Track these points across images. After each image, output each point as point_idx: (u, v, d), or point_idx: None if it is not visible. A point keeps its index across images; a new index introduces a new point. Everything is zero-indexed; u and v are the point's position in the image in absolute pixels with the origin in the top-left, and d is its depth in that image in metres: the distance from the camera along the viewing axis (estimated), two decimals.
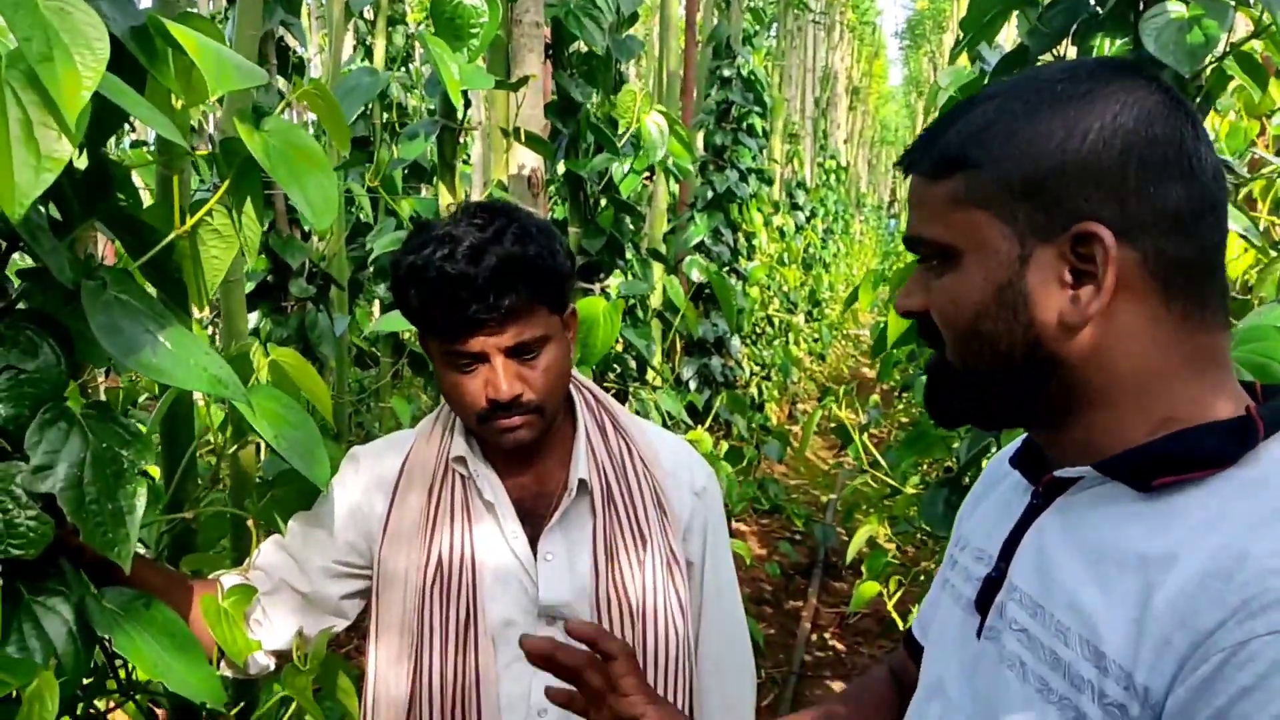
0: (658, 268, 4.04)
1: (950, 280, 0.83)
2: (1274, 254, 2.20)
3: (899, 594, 3.24)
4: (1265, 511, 0.70)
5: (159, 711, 1.55)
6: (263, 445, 1.67)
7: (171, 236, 1.20)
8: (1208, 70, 1.79)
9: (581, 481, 1.36)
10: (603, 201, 2.96)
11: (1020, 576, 0.83)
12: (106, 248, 2.95)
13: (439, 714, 1.29)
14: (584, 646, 1.03)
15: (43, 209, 1.09)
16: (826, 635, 5.07)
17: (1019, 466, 0.91)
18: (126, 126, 3.32)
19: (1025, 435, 0.93)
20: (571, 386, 1.43)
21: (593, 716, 1.06)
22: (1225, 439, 0.75)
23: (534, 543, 1.35)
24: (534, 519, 1.36)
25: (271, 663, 1.36)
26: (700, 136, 5.86)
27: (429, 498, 1.35)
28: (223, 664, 1.32)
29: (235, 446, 1.61)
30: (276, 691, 1.32)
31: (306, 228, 2.79)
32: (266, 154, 1.14)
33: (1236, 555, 0.67)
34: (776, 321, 8.78)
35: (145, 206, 1.35)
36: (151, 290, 1.23)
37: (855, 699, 1.20)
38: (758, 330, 7.96)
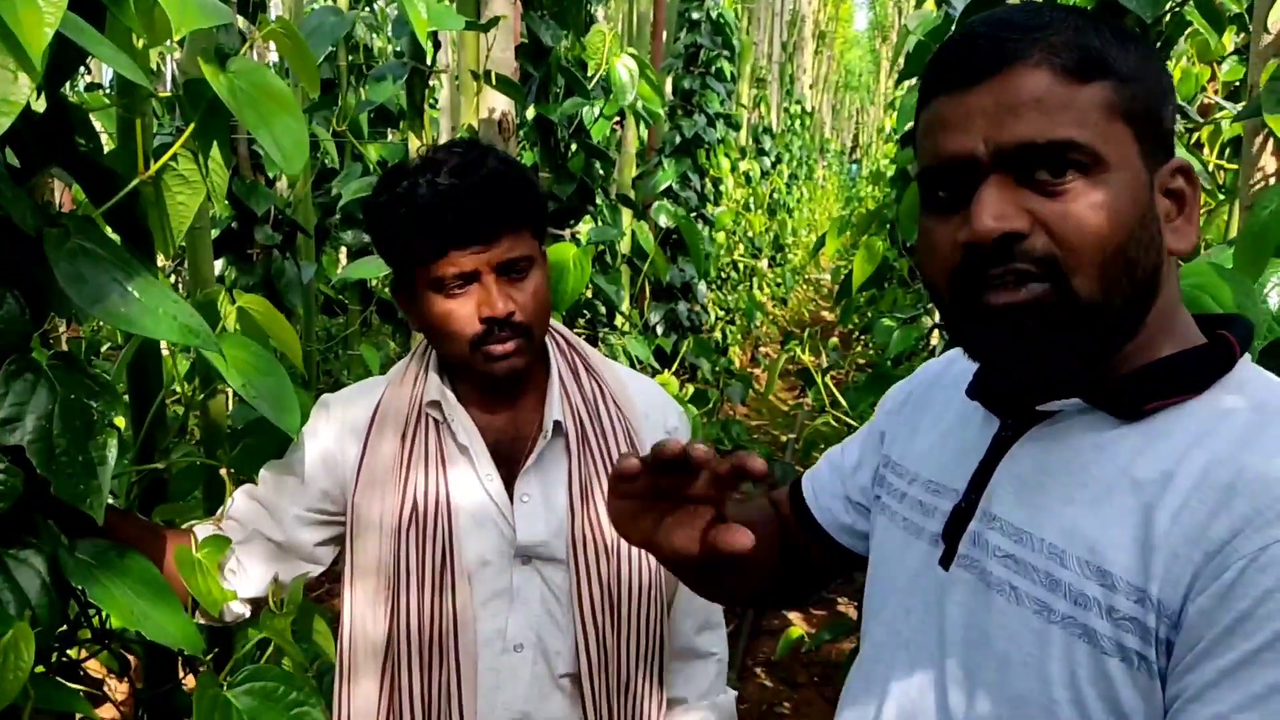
0: (627, 213, 4.02)
1: (1095, 197, 0.74)
2: (1221, 198, 2.23)
3: None
4: (1246, 427, 0.73)
5: (132, 659, 1.55)
6: (232, 394, 1.65)
7: (135, 182, 1.17)
8: (1167, 15, 1.80)
9: (557, 423, 1.37)
10: (573, 146, 2.93)
11: (1000, 506, 0.84)
12: (64, 195, 2.88)
13: (416, 653, 1.30)
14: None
15: (0, 155, 1.06)
16: None
17: (979, 398, 0.90)
18: (81, 70, 3.24)
19: (976, 370, 0.91)
20: None
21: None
22: (1206, 362, 0.78)
23: (509, 485, 1.35)
24: (509, 462, 1.37)
25: (247, 610, 1.36)
26: (669, 81, 5.80)
27: (403, 442, 1.35)
28: (197, 613, 1.32)
29: (204, 396, 1.59)
30: (253, 636, 1.33)
31: (272, 174, 2.74)
32: (233, 96, 1.11)
33: (1233, 469, 0.70)
34: (741, 267, 8.80)
35: (106, 152, 1.32)
36: (115, 238, 1.21)
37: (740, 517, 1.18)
38: (723, 275, 7.97)
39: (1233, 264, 1.27)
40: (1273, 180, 1.42)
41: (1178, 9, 1.79)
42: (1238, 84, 2.80)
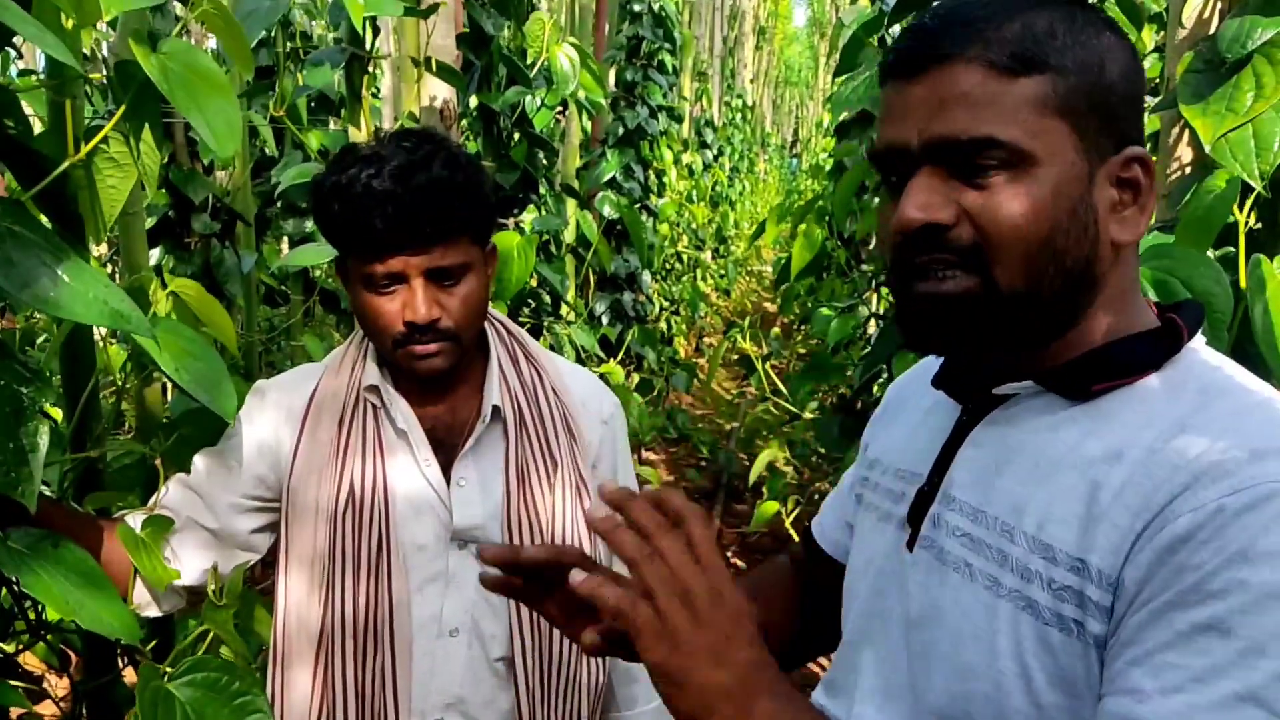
0: (571, 203, 4.01)
1: (1018, 190, 0.76)
2: None
3: (796, 512, 3.36)
4: (1191, 406, 0.76)
5: (70, 652, 1.52)
6: (171, 384, 1.63)
7: (65, 165, 1.15)
8: None
9: (495, 408, 1.37)
10: (516, 136, 2.92)
11: (958, 488, 0.86)
12: None
13: (351, 640, 1.30)
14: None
15: None
16: (729, 554, 5.26)
17: (942, 387, 0.93)
18: (12, 53, 3.16)
19: (942, 360, 0.96)
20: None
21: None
22: (1156, 345, 0.81)
23: (446, 470, 1.35)
24: (446, 448, 1.37)
25: (184, 599, 1.35)
26: (611, 72, 5.80)
27: (340, 428, 1.34)
28: (137, 601, 1.30)
29: (140, 384, 1.56)
30: (194, 627, 1.31)
31: (208, 160, 2.70)
32: (164, 77, 1.10)
33: (1177, 447, 0.73)
34: (685, 258, 8.83)
35: (36, 134, 1.29)
36: (46, 223, 1.19)
37: (752, 587, 1.22)
38: (667, 266, 8.00)
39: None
40: (1189, 170, 1.46)
41: (1099, 4, 1.83)
42: (1157, 80, 2.88)
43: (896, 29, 2.47)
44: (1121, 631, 0.71)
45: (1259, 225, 1.33)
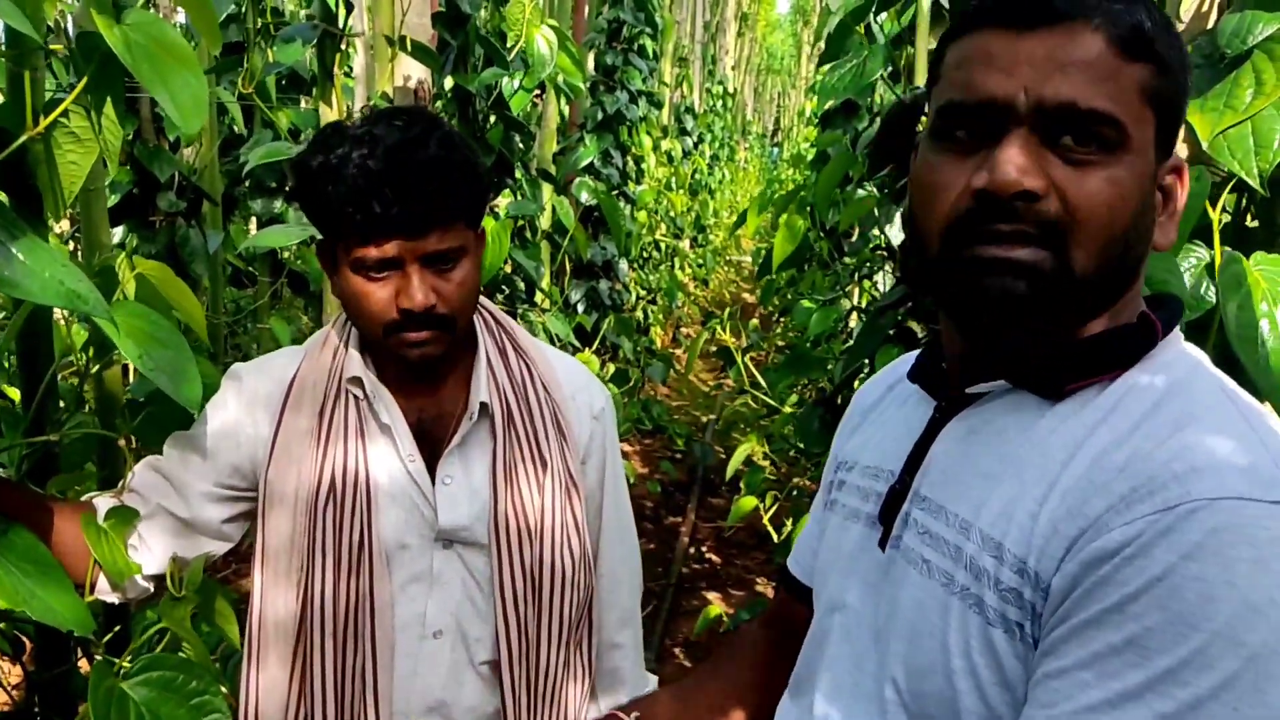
0: (547, 189, 3.97)
1: (1113, 173, 0.74)
2: None
3: (774, 508, 3.35)
4: (1143, 411, 0.74)
5: (25, 639, 1.48)
6: (131, 366, 1.59)
7: (23, 139, 1.11)
8: None
9: (483, 404, 1.33)
10: (492, 118, 2.88)
11: (927, 485, 0.85)
12: None
13: (330, 636, 1.26)
14: None
15: None
16: (703, 549, 5.26)
17: (917, 381, 0.92)
18: None
19: (919, 354, 0.94)
20: None
21: None
22: (1126, 342, 0.79)
23: (431, 466, 1.31)
24: (431, 442, 1.32)
25: (151, 587, 1.31)
26: (591, 56, 5.75)
27: (320, 417, 1.30)
28: (99, 587, 1.26)
29: (100, 367, 1.52)
30: (150, 618, 1.28)
31: (174, 137, 2.64)
32: (128, 49, 1.06)
33: (1126, 450, 0.71)
34: (663, 246, 8.81)
35: None
36: (2, 198, 1.14)
37: (712, 668, 1.22)
38: (645, 254, 7.97)
39: None
40: None
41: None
42: None
43: (884, 16, 2.44)
44: (1044, 641, 0.71)
45: (1256, 224, 1.31)
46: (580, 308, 5.37)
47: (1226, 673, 0.63)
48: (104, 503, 1.29)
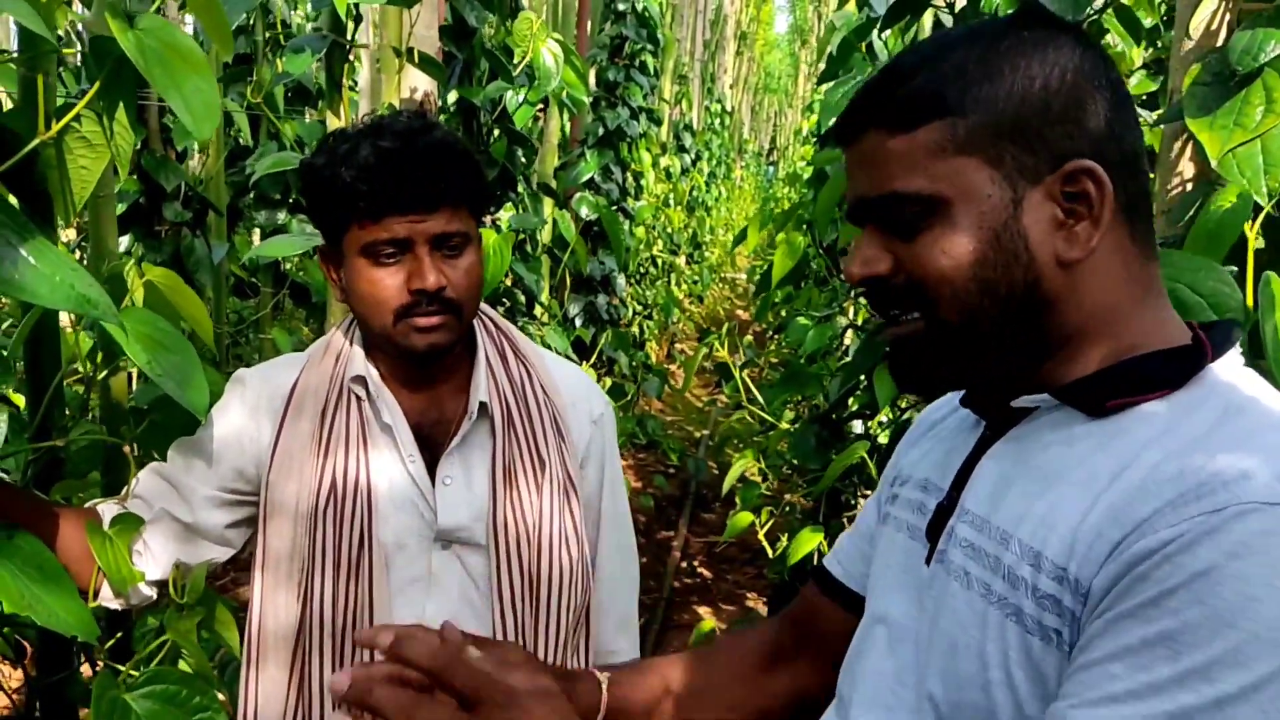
0: (548, 203, 3.98)
1: (938, 234, 0.80)
2: None
3: (769, 524, 3.35)
4: (1202, 429, 0.74)
5: (25, 644, 1.48)
6: (136, 373, 1.58)
7: (35, 143, 1.11)
8: (1086, 22, 1.84)
9: (482, 405, 1.34)
10: (495, 132, 2.89)
11: (972, 501, 0.85)
12: None
13: (329, 640, 1.26)
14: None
15: None
16: (695, 563, 5.27)
17: (967, 404, 0.93)
18: None
19: None
20: None
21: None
22: (1174, 363, 0.79)
23: (431, 468, 1.32)
24: (431, 444, 1.33)
25: (154, 593, 1.31)
26: (593, 72, 5.77)
27: (322, 421, 1.30)
28: (102, 594, 1.26)
29: (106, 374, 1.52)
30: (151, 624, 1.27)
31: (181, 146, 2.65)
32: (141, 53, 1.06)
33: (1179, 464, 0.71)
34: (660, 262, 8.82)
35: (5, 110, 1.25)
36: (13, 202, 1.14)
37: (704, 660, 1.18)
38: (642, 270, 7.98)
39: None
40: (1190, 186, 1.44)
41: (1097, 15, 1.82)
42: (1145, 97, 2.89)
43: (888, 34, 2.46)
44: (1081, 638, 0.71)
45: (1262, 244, 1.31)
46: (578, 322, 5.37)
47: (1259, 674, 0.62)
48: (108, 509, 1.29)
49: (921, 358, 0.84)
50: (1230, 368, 0.80)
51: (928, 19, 2.53)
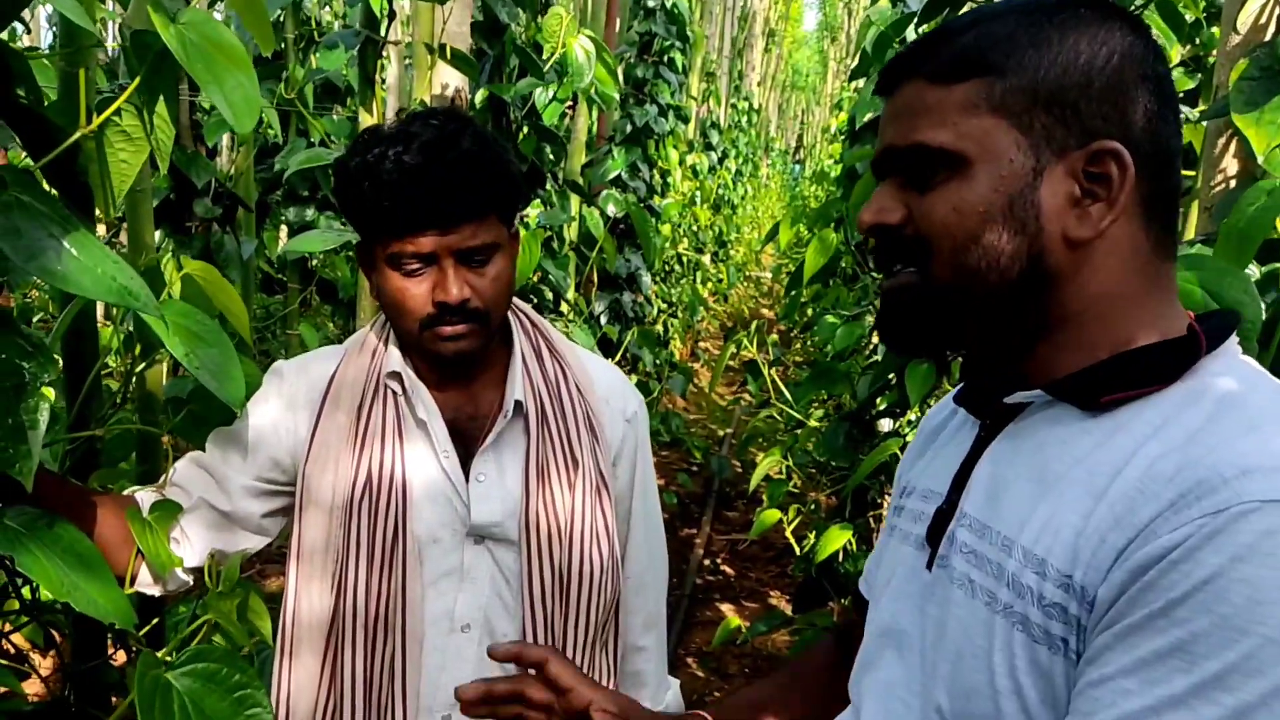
0: (575, 200, 3.98)
1: (953, 189, 0.79)
2: None
3: (796, 521, 3.35)
4: (1198, 423, 0.73)
5: (55, 632, 1.49)
6: (168, 366, 1.60)
7: (76, 136, 1.12)
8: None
9: (517, 403, 1.34)
10: (525, 128, 2.90)
11: (971, 504, 0.84)
12: None
13: (361, 630, 1.27)
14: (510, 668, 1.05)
15: None
16: (718, 560, 5.26)
17: (962, 404, 0.92)
18: (19, 29, 3.12)
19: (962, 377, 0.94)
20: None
21: None
22: (1169, 356, 0.78)
23: (465, 464, 1.33)
24: (466, 440, 1.34)
25: (190, 579, 1.32)
26: (621, 69, 5.76)
27: (359, 414, 1.31)
28: (140, 579, 1.27)
29: (143, 366, 1.53)
30: (184, 613, 1.28)
31: (212, 143, 2.67)
32: (183, 48, 1.06)
33: (1177, 460, 0.70)
34: (685, 260, 8.81)
35: (48, 104, 1.26)
36: (55, 195, 1.15)
37: (788, 679, 1.21)
38: (667, 268, 7.98)
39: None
40: (1233, 183, 1.42)
41: (1140, 10, 1.79)
42: (1182, 94, 2.86)
43: (926, 28, 2.45)
44: (1088, 650, 0.70)
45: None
46: (604, 319, 5.37)
47: (1277, 679, 0.61)
48: (145, 497, 1.30)
49: (909, 313, 0.84)
50: (1228, 358, 0.79)
51: None
